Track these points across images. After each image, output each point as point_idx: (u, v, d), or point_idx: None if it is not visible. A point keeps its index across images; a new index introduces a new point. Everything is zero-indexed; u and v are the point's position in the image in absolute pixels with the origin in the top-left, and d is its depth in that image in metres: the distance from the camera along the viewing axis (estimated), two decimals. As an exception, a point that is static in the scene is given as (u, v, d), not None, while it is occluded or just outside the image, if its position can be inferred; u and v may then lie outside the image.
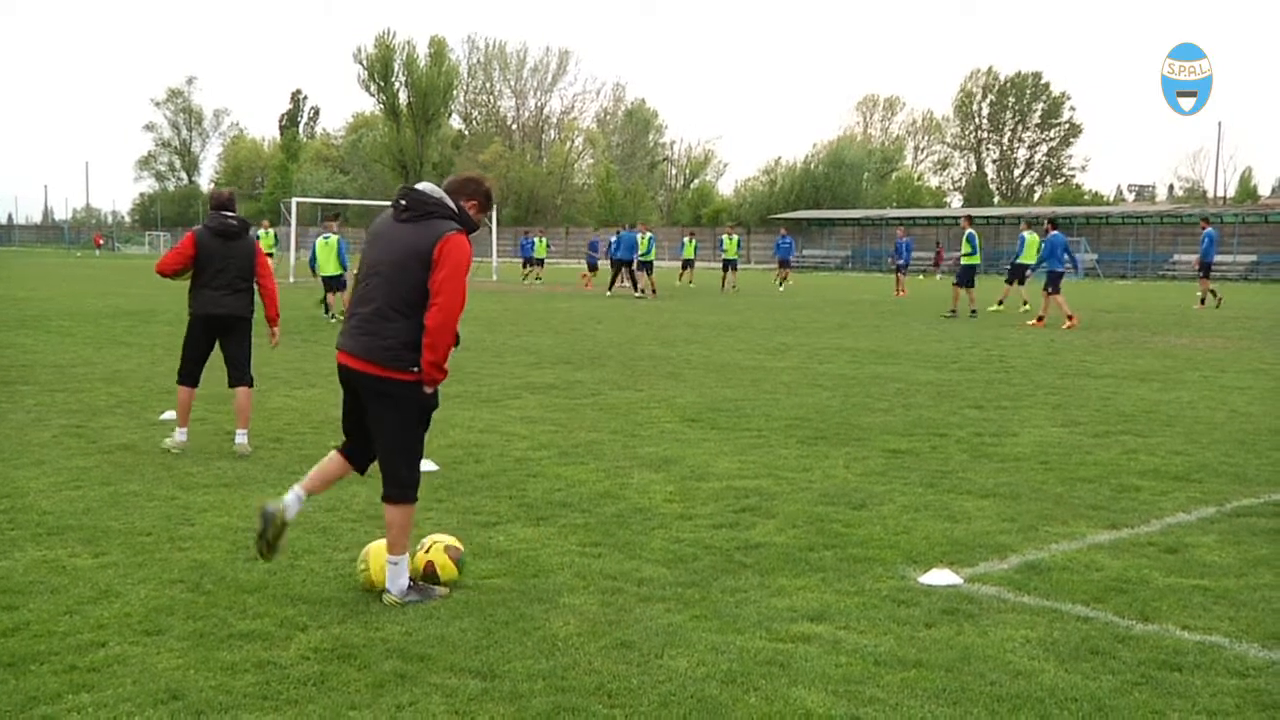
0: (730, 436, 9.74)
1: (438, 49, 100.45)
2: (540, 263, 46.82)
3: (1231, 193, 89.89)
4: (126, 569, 5.78)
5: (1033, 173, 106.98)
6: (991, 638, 4.93)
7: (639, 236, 34.07)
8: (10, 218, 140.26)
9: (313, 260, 24.61)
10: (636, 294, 32.43)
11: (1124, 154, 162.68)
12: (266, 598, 5.34)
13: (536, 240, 47.41)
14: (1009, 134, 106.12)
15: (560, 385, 12.90)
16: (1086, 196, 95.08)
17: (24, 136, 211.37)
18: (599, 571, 5.83)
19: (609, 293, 32.68)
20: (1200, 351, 17.95)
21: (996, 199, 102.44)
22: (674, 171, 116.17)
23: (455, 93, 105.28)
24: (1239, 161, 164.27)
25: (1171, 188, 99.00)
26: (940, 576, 5.72)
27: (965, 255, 26.71)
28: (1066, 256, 24.19)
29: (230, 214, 8.89)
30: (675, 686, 4.37)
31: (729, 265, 40.30)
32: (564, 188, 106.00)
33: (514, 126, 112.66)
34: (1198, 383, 13.77)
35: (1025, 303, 27.69)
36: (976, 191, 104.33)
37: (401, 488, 5.45)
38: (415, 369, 5.35)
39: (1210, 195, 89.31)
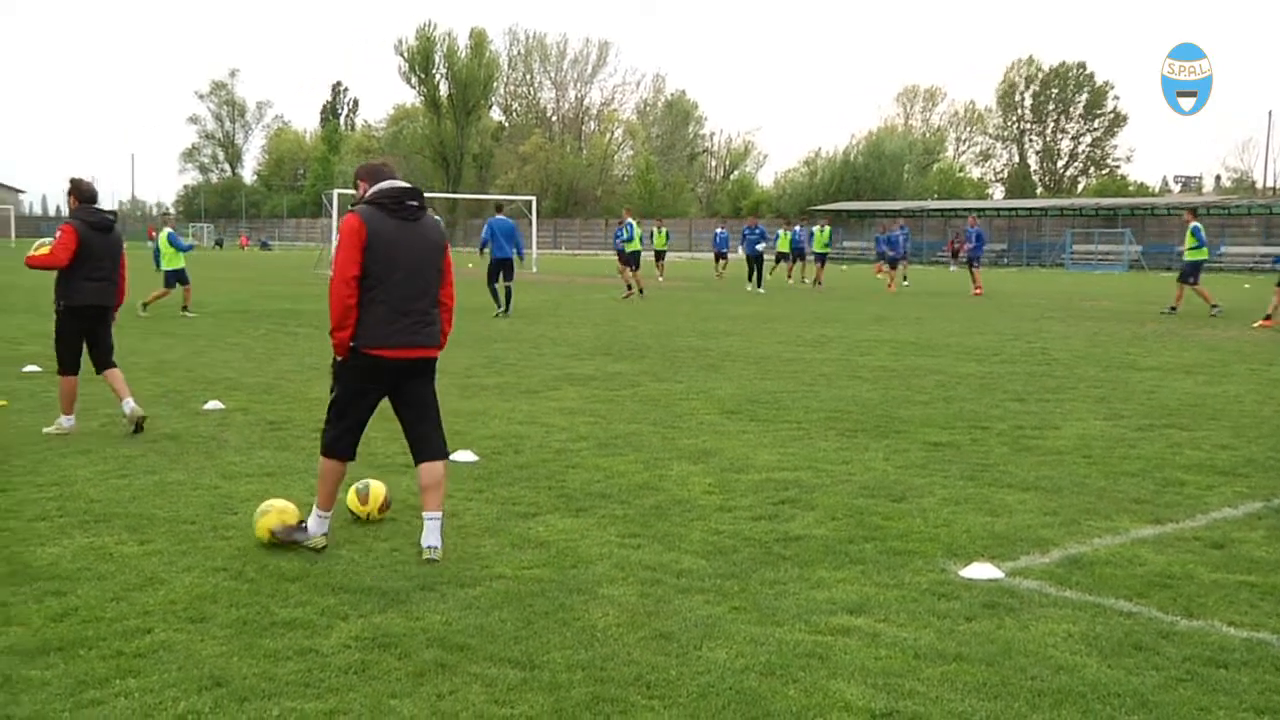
0: (770, 428, 9.72)
1: (478, 40, 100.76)
2: (661, 255, 41.94)
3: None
4: (171, 556, 5.85)
5: (1076, 164, 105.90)
6: (1033, 632, 4.89)
7: (633, 225, 29.47)
8: (59, 210, 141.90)
9: None
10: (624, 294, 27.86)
11: (1170, 145, 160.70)
12: (308, 586, 5.39)
13: (655, 231, 42.25)
14: (1052, 124, 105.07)
15: (600, 377, 12.92)
16: (1131, 188, 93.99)
17: (72, 130, 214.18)
18: (638, 563, 5.84)
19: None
20: (1248, 344, 17.71)
21: (1039, 190, 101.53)
22: (713, 163, 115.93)
23: (495, 84, 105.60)
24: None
25: (1219, 178, 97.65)
26: (981, 570, 5.69)
27: (1190, 249, 24.97)
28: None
29: (104, 208, 9.29)
30: (714, 678, 4.37)
31: (820, 259, 36.26)
32: (603, 179, 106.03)
33: (554, 118, 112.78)
34: (1245, 376, 13.59)
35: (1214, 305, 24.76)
36: (1019, 183, 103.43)
37: (446, 444, 6.26)
38: None
39: (1260, 186, 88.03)
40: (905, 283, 37.10)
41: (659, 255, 41.82)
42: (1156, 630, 4.92)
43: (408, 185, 6.05)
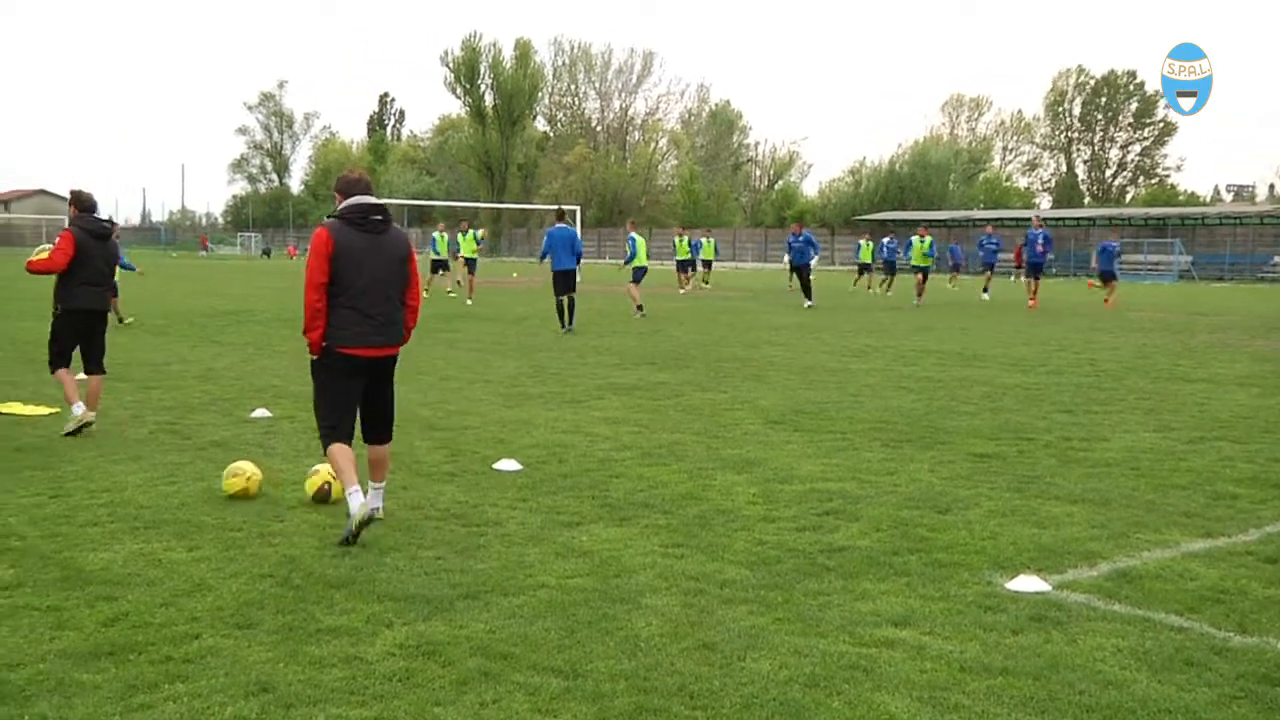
0: (814, 439, 9.68)
1: (523, 51, 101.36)
2: (708, 264, 41.64)
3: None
4: (219, 563, 5.91)
5: (1125, 173, 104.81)
6: (1081, 646, 4.83)
7: (635, 239, 26.68)
8: (110, 218, 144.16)
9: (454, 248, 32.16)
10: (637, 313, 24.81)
11: (1222, 154, 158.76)
12: (353, 593, 5.43)
13: (704, 241, 41.68)
14: (1100, 133, 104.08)
15: (643, 386, 12.93)
16: (1181, 197, 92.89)
17: (124, 141, 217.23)
18: (681, 572, 5.83)
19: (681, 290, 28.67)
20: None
21: (1087, 200, 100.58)
22: (758, 172, 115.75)
23: (540, 94, 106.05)
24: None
25: (1272, 187, 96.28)
26: (1028, 583, 5.63)
27: None
28: None
29: (102, 217, 9.74)
30: (758, 689, 4.35)
31: (922, 272, 32.81)
32: (648, 189, 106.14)
33: (598, 128, 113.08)
34: (1297, 388, 13.38)
35: None
36: (1067, 192, 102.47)
37: (393, 429, 6.95)
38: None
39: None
40: (889, 292, 36.76)
41: (707, 264, 41.87)
42: (1209, 646, 4.85)
43: (374, 202, 6.62)
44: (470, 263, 31.25)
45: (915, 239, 33.45)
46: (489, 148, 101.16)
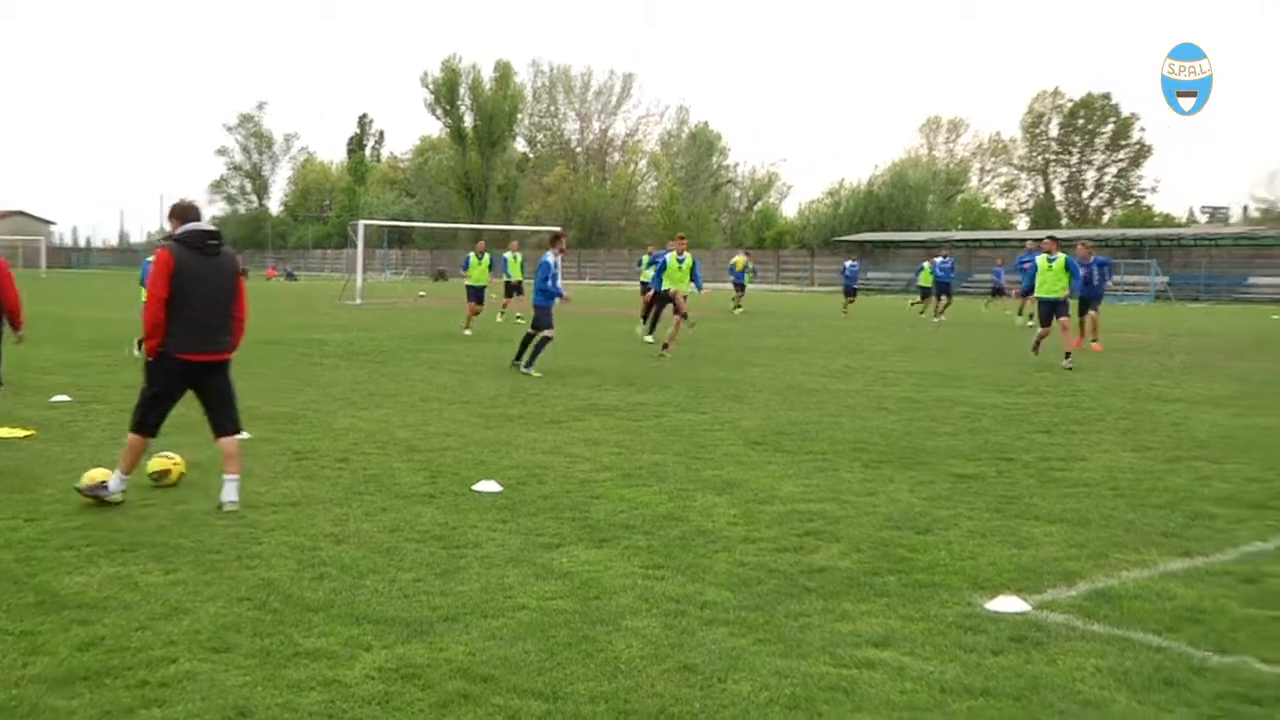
0: (794, 459, 9.69)
1: (503, 73, 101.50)
2: (740, 288, 38.17)
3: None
4: (196, 586, 5.87)
5: (1102, 194, 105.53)
6: (1061, 666, 4.84)
7: (509, 256, 28.76)
8: (88, 241, 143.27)
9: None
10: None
11: (1196, 176, 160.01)
12: (332, 616, 5.39)
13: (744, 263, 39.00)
14: (1077, 155, 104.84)
15: (624, 407, 12.92)
16: (1157, 218, 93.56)
17: (101, 163, 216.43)
18: (662, 594, 5.82)
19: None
20: (1278, 376, 17.56)
21: (1065, 221, 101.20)
22: (737, 194, 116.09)
23: (520, 116, 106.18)
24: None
25: (1246, 209, 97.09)
26: (1008, 603, 5.64)
27: None
28: None
29: (207, 226, 7.55)
30: (738, 711, 4.34)
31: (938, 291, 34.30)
32: (627, 210, 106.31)
33: (578, 149, 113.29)
34: (1276, 408, 13.47)
35: None
36: (1044, 213, 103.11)
37: (240, 422, 7.96)
38: None
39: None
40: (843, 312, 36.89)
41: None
42: (1187, 666, 4.86)
43: (209, 228, 7.56)
44: (513, 286, 30.05)
45: (926, 264, 35.33)
46: (469, 169, 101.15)
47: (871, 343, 24.11)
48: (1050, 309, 18.69)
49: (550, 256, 16.13)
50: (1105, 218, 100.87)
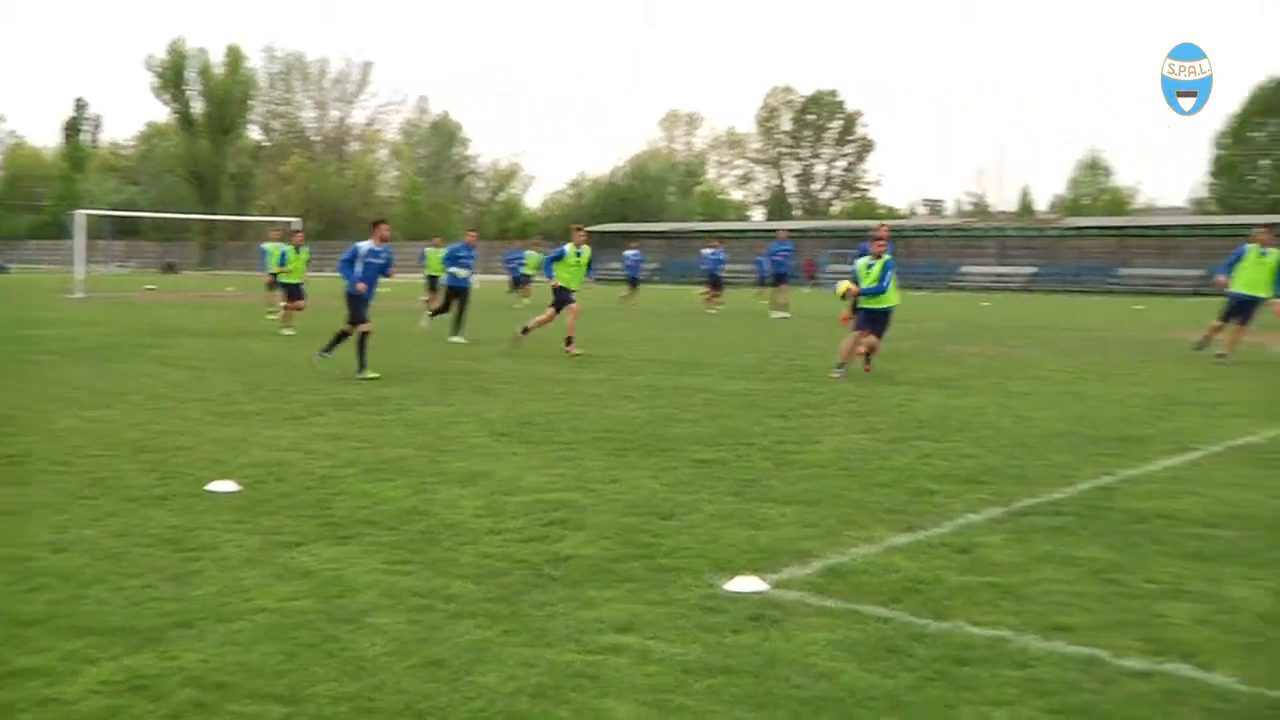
0: (539, 450, 9.74)
1: (234, 58, 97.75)
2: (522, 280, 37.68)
3: (1013, 208, 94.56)
4: (-106, 605, 5.41)
5: (832, 187, 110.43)
6: (796, 641, 5.05)
7: (270, 248, 26.96)
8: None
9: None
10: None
11: (918, 170, 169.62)
12: (50, 630, 5.07)
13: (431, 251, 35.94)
14: (808, 149, 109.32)
15: (366, 401, 12.67)
16: (881, 210, 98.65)
17: None
18: (407, 589, 5.75)
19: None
20: (988, 360, 18.82)
21: (797, 212, 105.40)
22: (480, 184, 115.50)
23: (252, 103, 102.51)
24: (1018, 178, 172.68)
25: (958, 202, 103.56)
26: (746, 583, 5.84)
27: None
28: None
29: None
30: (485, 703, 4.33)
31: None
32: (368, 200, 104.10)
33: (316, 138, 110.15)
34: (986, 389, 14.43)
35: None
36: (779, 205, 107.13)
37: None
38: None
39: (993, 210, 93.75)
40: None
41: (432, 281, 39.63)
42: (909, 633, 5.16)
43: None
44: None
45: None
46: (198, 156, 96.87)
47: (618, 333, 24.42)
48: (868, 318, 15.67)
49: (364, 245, 15.48)
50: (836, 209, 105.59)
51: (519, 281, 38.45)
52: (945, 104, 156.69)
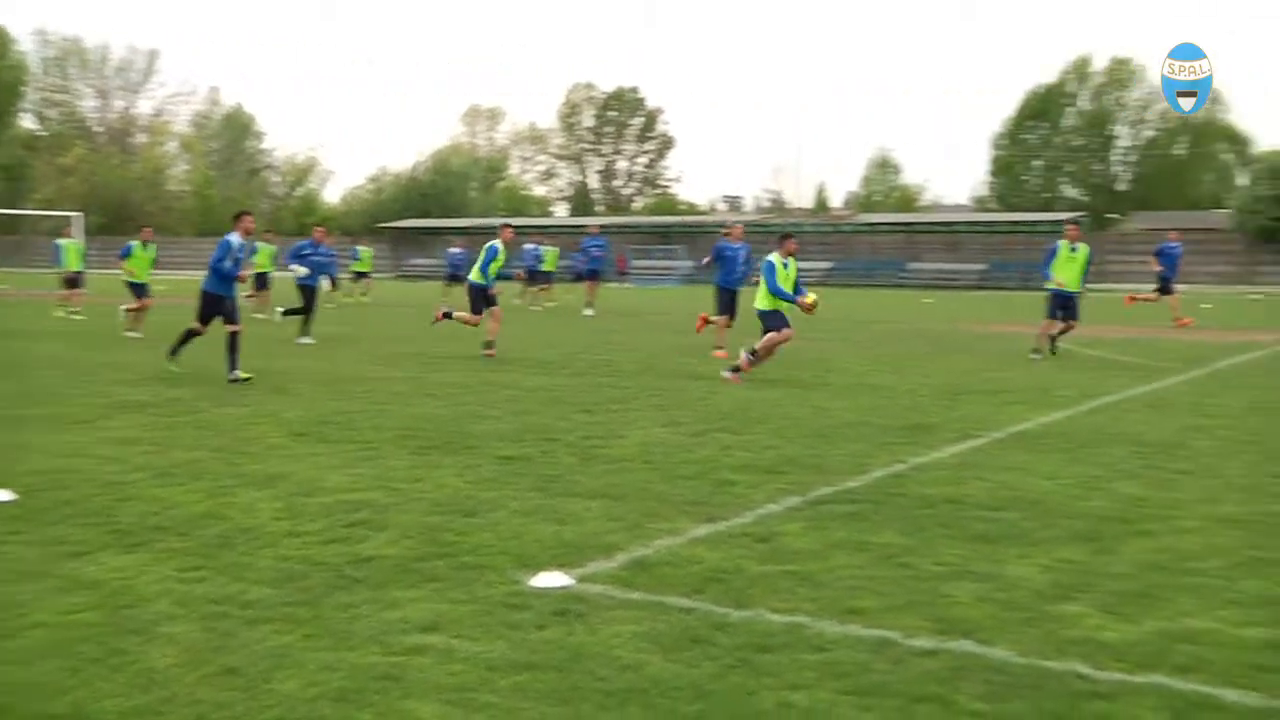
0: (340, 449, 9.54)
1: (1, 40, 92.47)
2: (548, 277, 36.47)
3: (809, 204, 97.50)
4: None
5: (634, 183, 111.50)
6: (601, 635, 5.09)
7: (64, 244, 27.81)
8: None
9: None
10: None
11: (718, 167, 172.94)
12: None
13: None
14: (610, 146, 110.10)
15: (157, 403, 12.17)
16: (682, 207, 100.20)
17: None
18: (201, 596, 5.55)
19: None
20: (786, 353, 19.30)
21: (601, 208, 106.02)
22: (277, 179, 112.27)
23: (25, 90, 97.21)
24: (815, 176, 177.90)
25: (757, 199, 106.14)
26: (551, 579, 5.85)
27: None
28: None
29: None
30: (284, 710, 4.23)
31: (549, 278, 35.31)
32: (157, 195, 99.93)
33: (98, 129, 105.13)
34: (784, 381, 14.82)
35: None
36: (582, 201, 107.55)
37: None
38: None
39: (790, 206, 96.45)
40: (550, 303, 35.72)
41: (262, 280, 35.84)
42: (711, 623, 5.26)
43: None
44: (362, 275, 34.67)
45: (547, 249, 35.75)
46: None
47: (421, 331, 24.09)
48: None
49: (235, 239, 14.70)
50: (638, 205, 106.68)
51: (455, 280, 35.71)
52: (743, 103, 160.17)
